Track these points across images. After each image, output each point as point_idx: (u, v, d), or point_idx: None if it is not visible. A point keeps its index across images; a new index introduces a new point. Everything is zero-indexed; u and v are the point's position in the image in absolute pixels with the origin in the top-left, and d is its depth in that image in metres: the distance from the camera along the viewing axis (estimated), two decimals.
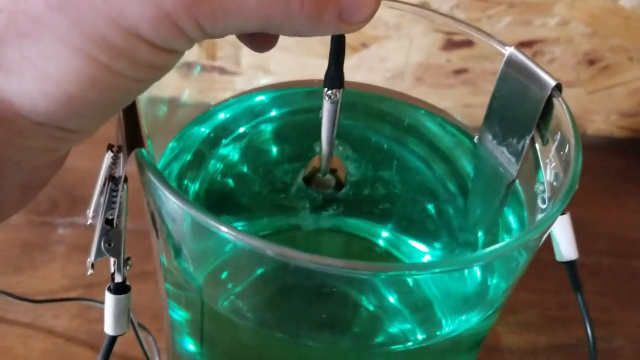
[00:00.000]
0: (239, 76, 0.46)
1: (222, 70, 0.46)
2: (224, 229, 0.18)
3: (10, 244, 0.44)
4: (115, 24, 0.16)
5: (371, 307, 0.26)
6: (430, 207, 0.30)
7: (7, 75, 0.17)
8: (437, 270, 0.20)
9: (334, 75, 0.23)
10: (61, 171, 0.21)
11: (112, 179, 0.21)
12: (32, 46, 0.17)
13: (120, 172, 0.21)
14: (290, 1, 0.17)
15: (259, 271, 0.23)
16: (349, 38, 0.23)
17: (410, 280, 0.24)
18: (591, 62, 0.54)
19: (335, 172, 0.27)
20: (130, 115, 0.22)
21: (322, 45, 0.24)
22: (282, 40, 0.23)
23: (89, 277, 0.22)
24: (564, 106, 0.25)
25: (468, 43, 0.30)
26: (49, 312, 0.40)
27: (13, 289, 0.40)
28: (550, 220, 0.21)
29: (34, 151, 0.19)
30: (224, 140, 0.31)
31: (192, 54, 0.35)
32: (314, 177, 0.28)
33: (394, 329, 0.26)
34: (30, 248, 0.44)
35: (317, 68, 0.25)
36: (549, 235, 0.27)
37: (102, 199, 0.21)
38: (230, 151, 0.31)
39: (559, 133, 0.25)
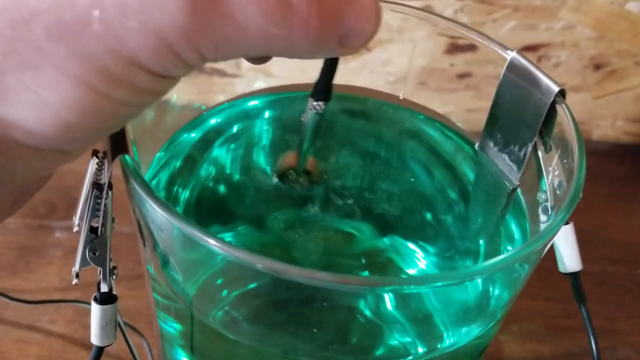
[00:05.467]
0: (240, 79, 0.46)
1: (223, 73, 0.46)
2: (212, 241, 0.18)
3: (7, 246, 0.44)
4: (116, 53, 0.16)
5: (369, 320, 0.26)
6: (431, 215, 0.30)
7: (4, 102, 0.17)
8: (435, 284, 0.20)
9: (322, 89, 0.24)
10: (59, 174, 0.21)
11: (96, 185, 0.20)
12: (31, 75, 0.16)
13: (104, 179, 0.20)
14: (294, 30, 0.17)
15: (251, 284, 0.22)
16: None
17: (409, 293, 0.23)
18: (597, 67, 0.53)
19: (309, 172, 0.28)
20: None
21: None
22: None
23: (85, 281, 0.22)
24: (567, 113, 0.24)
25: (472, 47, 0.29)
26: (44, 316, 0.40)
27: (9, 292, 0.40)
28: (553, 232, 0.21)
29: (26, 171, 0.19)
30: (216, 146, 0.30)
31: None
32: (287, 175, 0.28)
33: (394, 342, 0.26)
34: (27, 251, 0.44)
35: (318, 71, 0.24)
36: (553, 244, 0.26)
37: (87, 207, 0.20)
38: (223, 156, 0.30)
39: (563, 140, 0.24)
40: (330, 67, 0.23)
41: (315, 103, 0.25)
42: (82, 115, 0.17)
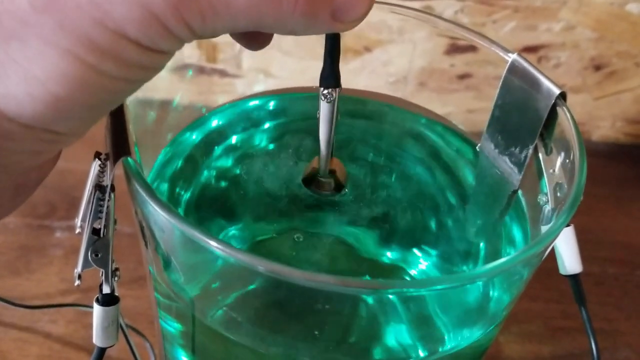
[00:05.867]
0: (240, 79, 0.46)
1: (223, 73, 0.46)
2: (213, 243, 0.18)
3: (8, 246, 0.44)
4: (102, 25, 0.16)
5: (370, 323, 0.26)
6: (431, 217, 0.30)
7: None
8: (436, 287, 0.20)
9: (329, 75, 0.23)
10: (59, 174, 0.21)
11: (99, 187, 0.20)
12: (17, 48, 0.16)
13: (107, 181, 0.20)
14: (283, 1, 0.17)
15: (252, 285, 0.22)
16: (352, 42, 0.22)
17: (410, 296, 0.23)
18: (597, 68, 0.53)
19: (335, 173, 0.27)
20: (118, 121, 0.21)
21: (324, 47, 0.23)
22: (284, 43, 0.22)
23: (86, 281, 0.22)
24: (568, 116, 0.24)
25: (472, 48, 0.29)
26: (45, 316, 0.40)
27: (10, 292, 0.40)
28: (554, 234, 0.21)
29: (22, 154, 0.19)
30: (218, 145, 0.30)
31: (192, 56, 0.34)
32: (313, 179, 0.27)
33: (395, 344, 0.26)
34: (27, 251, 0.44)
35: (319, 71, 0.24)
36: (553, 246, 0.26)
37: (89, 208, 0.20)
38: (225, 156, 0.30)
39: (564, 143, 0.24)
40: (332, 49, 0.23)
41: (325, 91, 0.23)
42: (71, 87, 0.17)
